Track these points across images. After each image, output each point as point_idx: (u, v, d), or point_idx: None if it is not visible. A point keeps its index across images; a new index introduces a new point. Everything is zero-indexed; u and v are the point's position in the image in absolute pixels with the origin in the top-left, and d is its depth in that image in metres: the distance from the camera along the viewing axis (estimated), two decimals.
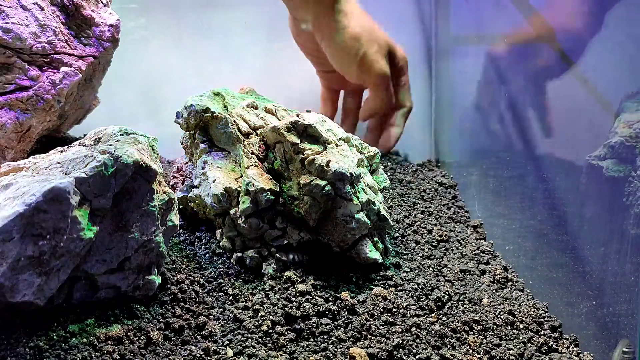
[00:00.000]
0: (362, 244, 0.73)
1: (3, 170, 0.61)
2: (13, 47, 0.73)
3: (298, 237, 0.72)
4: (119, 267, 0.61)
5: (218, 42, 1.14)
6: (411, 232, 0.86)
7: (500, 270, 0.80)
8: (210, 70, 1.13)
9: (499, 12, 0.93)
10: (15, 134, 0.75)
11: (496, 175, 0.93)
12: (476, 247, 0.85)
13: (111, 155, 0.59)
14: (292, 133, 0.73)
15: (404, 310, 0.69)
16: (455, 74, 1.12)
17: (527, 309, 0.73)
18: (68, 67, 0.77)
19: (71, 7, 0.79)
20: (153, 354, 0.59)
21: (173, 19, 1.13)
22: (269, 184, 0.72)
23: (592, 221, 0.71)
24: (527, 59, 0.84)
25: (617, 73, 0.67)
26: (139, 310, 0.62)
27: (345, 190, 0.71)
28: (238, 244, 0.73)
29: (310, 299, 0.67)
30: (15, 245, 0.53)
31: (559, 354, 0.67)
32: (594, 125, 0.71)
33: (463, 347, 0.66)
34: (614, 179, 0.66)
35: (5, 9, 0.74)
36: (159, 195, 0.64)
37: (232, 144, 0.76)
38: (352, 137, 0.79)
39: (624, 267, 0.64)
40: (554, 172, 0.79)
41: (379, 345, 0.63)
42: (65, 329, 0.57)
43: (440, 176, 1.03)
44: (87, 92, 0.86)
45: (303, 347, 0.63)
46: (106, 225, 0.60)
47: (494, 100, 0.95)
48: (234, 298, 0.69)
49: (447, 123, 1.15)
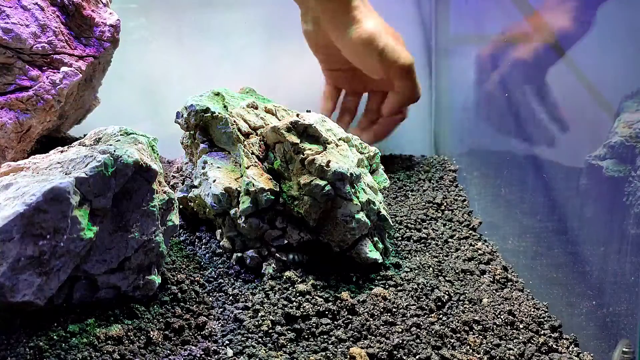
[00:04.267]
0: (362, 244, 0.73)
1: (3, 170, 0.61)
2: (13, 47, 0.73)
3: (298, 237, 0.72)
4: (119, 267, 0.61)
5: (218, 42, 1.14)
6: (411, 232, 0.86)
7: (500, 270, 0.80)
8: (210, 70, 1.13)
9: (499, 12, 0.93)
10: (15, 134, 0.75)
11: (496, 175, 0.93)
12: (476, 247, 0.85)
13: (111, 155, 0.59)
14: (292, 133, 0.73)
15: (404, 310, 0.69)
16: (455, 73, 1.12)
17: (527, 309, 0.73)
18: (68, 67, 0.77)
19: (71, 7, 0.79)
20: (153, 354, 0.59)
21: (173, 19, 1.13)
22: (269, 184, 0.72)
23: (592, 221, 0.71)
24: (527, 58, 0.84)
25: (617, 73, 0.67)
26: (139, 310, 0.62)
27: (345, 190, 0.71)
28: (238, 244, 0.73)
29: (310, 299, 0.67)
30: (15, 245, 0.53)
31: (559, 354, 0.67)
32: (594, 125, 0.71)
33: (463, 347, 0.66)
34: (614, 179, 0.66)
35: (5, 9, 0.74)
36: (159, 195, 0.64)
37: (232, 144, 0.76)
38: (352, 137, 0.79)
39: (624, 267, 0.64)
40: (554, 172, 0.79)
41: (379, 345, 0.63)
42: (65, 329, 0.57)
43: (439, 176, 1.03)
44: (87, 92, 0.86)
45: (303, 347, 0.63)
46: (106, 225, 0.60)
47: (494, 100, 0.95)
48: (234, 298, 0.69)
49: (447, 123, 1.15)
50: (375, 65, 0.99)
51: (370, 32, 0.96)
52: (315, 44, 1.04)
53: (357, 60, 1.00)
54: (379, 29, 0.97)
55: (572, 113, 0.76)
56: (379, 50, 0.96)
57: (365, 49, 0.97)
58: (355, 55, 0.99)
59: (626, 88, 0.65)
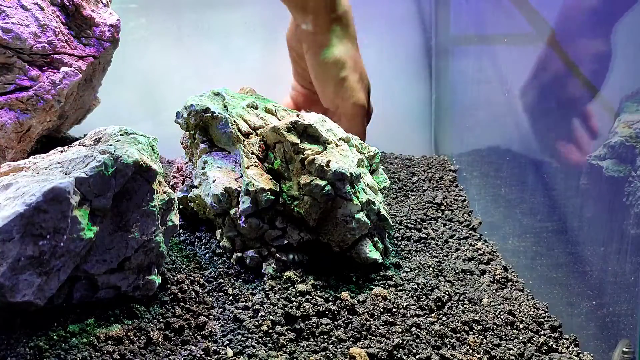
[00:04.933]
0: (362, 244, 0.73)
1: (3, 170, 0.61)
2: (13, 47, 0.73)
3: (298, 237, 0.72)
4: (119, 267, 0.61)
5: (218, 42, 1.14)
6: (411, 232, 0.86)
7: (500, 270, 0.81)
8: (210, 70, 1.13)
9: (499, 12, 0.93)
10: (15, 134, 0.75)
11: (496, 175, 0.93)
12: (476, 247, 0.85)
13: (111, 155, 0.59)
14: (292, 133, 0.73)
15: (404, 310, 0.69)
16: (455, 73, 1.12)
17: (527, 309, 0.73)
18: (68, 67, 0.77)
19: (71, 7, 0.79)
20: (153, 354, 0.59)
21: (173, 19, 1.14)
22: (269, 184, 0.72)
23: (592, 221, 0.71)
24: (527, 58, 0.84)
25: (617, 73, 0.67)
26: (139, 310, 0.62)
27: (345, 190, 0.71)
28: (238, 244, 0.73)
29: (310, 299, 0.67)
30: (15, 245, 0.53)
31: (559, 354, 0.67)
32: (594, 125, 0.71)
33: (463, 347, 0.66)
34: (614, 179, 0.66)
35: (6, 9, 0.74)
36: (159, 195, 0.64)
37: (232, 144, 0.76)
38: (352, 137, 0.79)
39: (624, 267, 0.64)
40: (554, 172, 0.79)
41: (379, 345, 0.63)
42: (65, 329, 0.57)
43: (439, 176, 1.03)
44: (87, 92, 0.86)
45: (303, 347, 0.63)
46: (106, 225, 0.60)
47: (493, 100, 0.95)
48: (234, 298, 0.69)
49: (447, 123, 1.15)
50: (329, 94, 0.95)
51: (338, 59, 0.93)
52: (292, 49, 1.01)
53: (317, 82, 0.96)
54: (348, 59, 0.94)
55: (573, 113, 0.76)
56: (339, 79, 0.93)
57: (327, 73, 0.93)
58: (316, 77, 0.96)
59: (626, 88, 0.65)
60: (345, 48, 0.94)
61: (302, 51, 0.97)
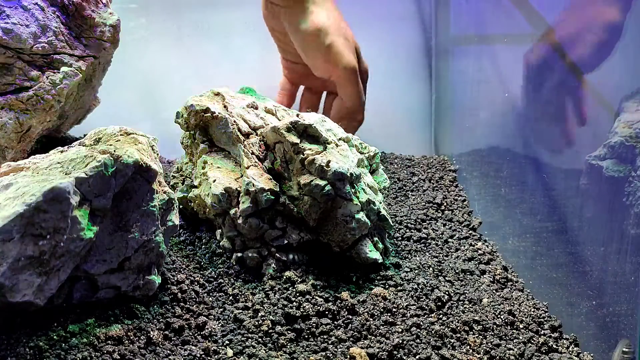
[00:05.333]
0: (362, 244, 0.73)
1: (3, 170, 0.61)
2: (13, 48, 0.73)
3: (298, 237, 0.72)
4: (119, 267, 0.61)
5: (218, 42, 1.14)
6: (411, 232, 0.86)
7: (500, 270, 0.81)
8: (210, 70, 1.13)
9: (499, 12, 0.93)
10: (15, 134, 0.75)
11: (496, 175, 0.93)
12: (476, 247, 0.85)
13: (111, 155, 0.59)
14: (292, 133, 0.73)
15: (404, 310, 0.69)
16: (455, 73, 1.12)
17: (527, 309, 0.73)
18: (68, 67, 0.77)
19: (71, 7, 0.79)
20: (153, 354, 0.59)
21: (173, 19, 1.13)
22: (269, 184, 0.72)
23: (592, 221, 0.71)
24: (527, 58, 0.85)
25: (617, 73, 0.67)
26: (139, 310, 0.62)
27: (345, 190, 0.71)
28: (238, 244, 0.73)
29: (310, 299, 0.67)
30: (15, 245, 0.53)
31: (559, 354, 0.67)
32: (594, 125, 0.71)
33: (463, 347, 0.66)
34: (614, 179, 0.66)
35: (6, 9, 0.74)
36: (159, 195, 0.64)
37: (232, 144, 0.76)
38: (352, 137, 0.79)
39: (624, 267, 0.64)
40: (554, 172, 0.79)
41: (379, 345, 0.63)
42: (65, 329, 0.57)
43: (439, 176, 1.03)
44: (87, 92, 0.86)
45: (303, 347, 0.63)
46: (106, 225, 0.60)
47: (493, 100, 0.95)
48: (234, 298, 0.69)
49: (447, 123, 1.15)
50: (319, 63, 0.94)
51: (319, 26, 0.90)
52: (272, 29, 0.99)
53: (304, 54, 0.95)
54: (330, 24, 0.91)
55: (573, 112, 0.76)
56: (325, 46, 0.91)
57: (312, 43, 0.91)
58: (302, 49, 0.94)
59: (626, 88, 0.65)
60: (325, 12, 0.93)
61: (280, 27, 0.95)
